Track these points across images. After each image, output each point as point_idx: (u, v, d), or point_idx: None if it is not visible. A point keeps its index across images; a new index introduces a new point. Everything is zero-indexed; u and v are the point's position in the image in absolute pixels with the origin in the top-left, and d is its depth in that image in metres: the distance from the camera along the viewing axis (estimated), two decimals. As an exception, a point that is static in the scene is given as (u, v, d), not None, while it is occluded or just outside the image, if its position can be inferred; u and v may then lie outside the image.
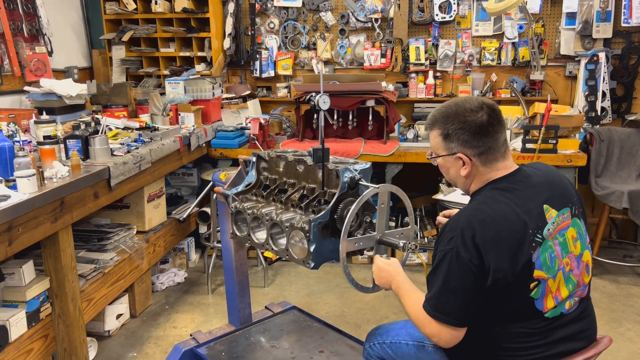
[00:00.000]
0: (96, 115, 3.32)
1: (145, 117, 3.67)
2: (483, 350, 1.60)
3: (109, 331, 3.09)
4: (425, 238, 4.03)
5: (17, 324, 2.25)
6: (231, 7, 4.42)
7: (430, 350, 1.77)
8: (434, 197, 3.26)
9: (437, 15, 4.29)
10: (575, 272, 1.59)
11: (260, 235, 2.16)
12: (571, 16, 4.14)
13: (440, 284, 1.52)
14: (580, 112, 3.97)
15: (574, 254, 1.60)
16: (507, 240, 1.47)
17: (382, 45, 4.42)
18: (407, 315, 1.66)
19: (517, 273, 1.47)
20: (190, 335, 2.68)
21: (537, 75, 4.21)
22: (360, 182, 1.97)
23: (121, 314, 3.16)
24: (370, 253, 1.99)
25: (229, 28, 4.43)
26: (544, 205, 1.56)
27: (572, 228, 1.60)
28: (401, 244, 1.81)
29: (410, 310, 1.62)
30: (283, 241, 2.03)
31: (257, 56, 4.56)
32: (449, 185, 4.00)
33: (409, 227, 2.01)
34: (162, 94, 3.93)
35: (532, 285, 1.50)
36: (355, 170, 1.99)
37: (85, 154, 2.73)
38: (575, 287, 1.59)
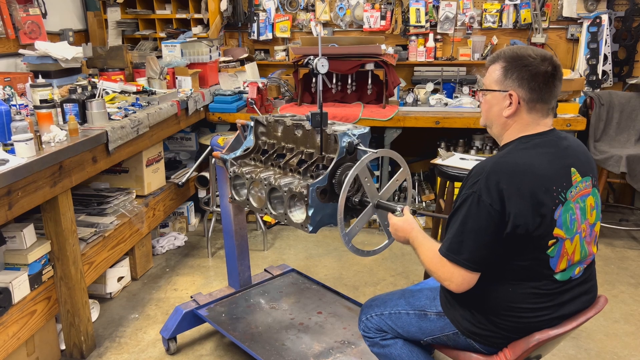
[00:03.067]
0: (93, 79, 3.29)
1: (142, 81, 3.64)
2: (490, 310, 1.61)
3: (110, 293, 3.14)
4: (424, 202, 4.05)
5: (20, 286, 2.28)
6: (228, -33, 4.33)
7: (433, 318, 1.76)
8: (432, 161, 3.26)
9: (438, -25, 4.20)
10: (587, 239, 1.61)
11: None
12: (575, -23, 4.06)
13: (457, 225, 1.53)
14: (581, 76, 3.94)
15: (589, 222, 1.61)
16: (531, 190, 1.48)
17: (382, 6, 4.34)
18: (421, 264, 1.67)
19: (537, 224, 1.48)
20: (191, 297, 2.72)
21: (538, 38, 4.15)
22: (359, 147, 1.97)
23: (122, 277, 3.21)
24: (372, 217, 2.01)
25: (225, -11, 4.35)
26: (572, 168, 1.57)
27: (591, 196, 1.62)
28: (398, 209, 1.83)
29: (424, 257, 1.64)
30: (282, 205, 2.04)
31: (255, 18, 4.48)
32: (447, 149, 4.00)
33: (401, 169, 2.02)
34: (159, 57, 3.88)
35: (550, 242, 1.52)
36: (354, 135, 1.99)
37: (83, 118, 2.72)
38: (586, 255, 1.61)
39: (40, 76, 2.87)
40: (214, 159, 2.41)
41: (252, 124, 2.34)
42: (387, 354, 1.85)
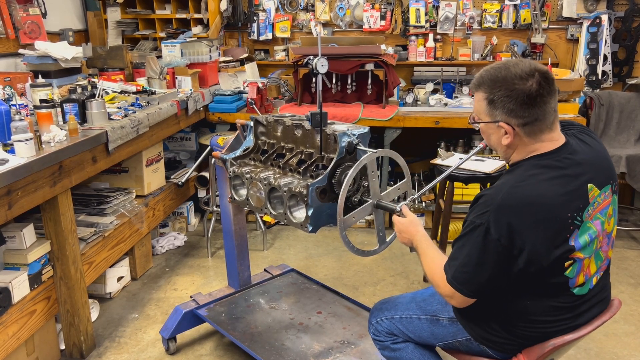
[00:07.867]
0: (92, 79, 3.29)
1: (142, 81, 3.64)
2: (507, 322, 1.59)
3: (110, 293, 3.14)
4: (423, 202, 4.05)
5: (20, 286, 2.28)
6: (228, -33, 4.33)
7: (445, 324, 1.74)
8: (432, 161, 3.26)
9: (438, -25, 4.20)
10: (604, 248, 1.57)
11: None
12: (575, -23, 4.06)
13: (463, 255, 1.49)
14: (580, 76, 3.94)
15: (607, 232, 1.57)
16: (544, 225, 1.42)
17: (382, 6, 4.34)
18: (423, 271, 1.66)
19: (552, 257, 1.44)
20: (191, 297, 2.72)
21: (538, 38, 4.15)
22: (359, 147, 1.98)
23: (122, 277, 3.21)
24: (370, 217, 2.02)
25: (225, -11, 4.35)
26: (588, 185, 1.49)
27: (611, 206, 1.57)
28: (398, 209, 1.83)
29: (427, 268, 1.63)
30: (281, 205, 2.04)
31: (255, 18, 4.48)
32: (447, 149, 4.00)
33: (405, 180, 2.02)
34: (159, 57, 3.88)
35: (567, 264, 1.47)
36: (354, 134, 1.99)
37: (83, 118, 2.72)
38: (602, 262, 1.58)
39: (40, 76, 2.87)
40: (213, 159, 2.41)
41: (251, 123, 2.34)
42: (398, 357, 1.84)
